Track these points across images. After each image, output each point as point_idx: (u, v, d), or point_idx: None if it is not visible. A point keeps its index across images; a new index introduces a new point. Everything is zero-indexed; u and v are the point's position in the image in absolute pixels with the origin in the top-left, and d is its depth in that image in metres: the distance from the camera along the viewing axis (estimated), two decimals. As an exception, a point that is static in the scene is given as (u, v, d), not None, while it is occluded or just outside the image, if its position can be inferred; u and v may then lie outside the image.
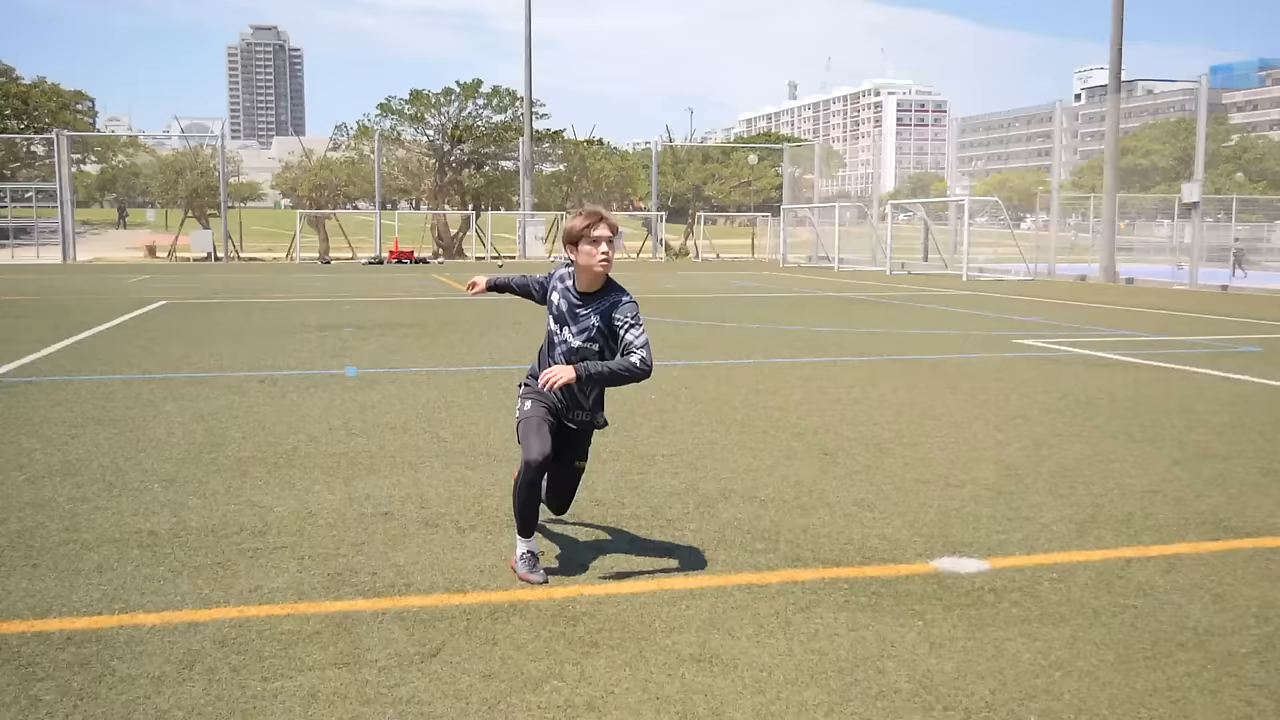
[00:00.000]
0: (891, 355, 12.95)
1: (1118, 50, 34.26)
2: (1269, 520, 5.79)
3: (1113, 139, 35.41)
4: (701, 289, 28.04)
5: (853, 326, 17.02)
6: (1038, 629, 4.21)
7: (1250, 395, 10.18)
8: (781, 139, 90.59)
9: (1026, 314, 20.11)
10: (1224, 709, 3.54)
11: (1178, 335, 16.27)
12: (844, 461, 7.06)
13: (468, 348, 13.61)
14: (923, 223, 46.19)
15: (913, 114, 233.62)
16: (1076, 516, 5.81)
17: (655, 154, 57.56)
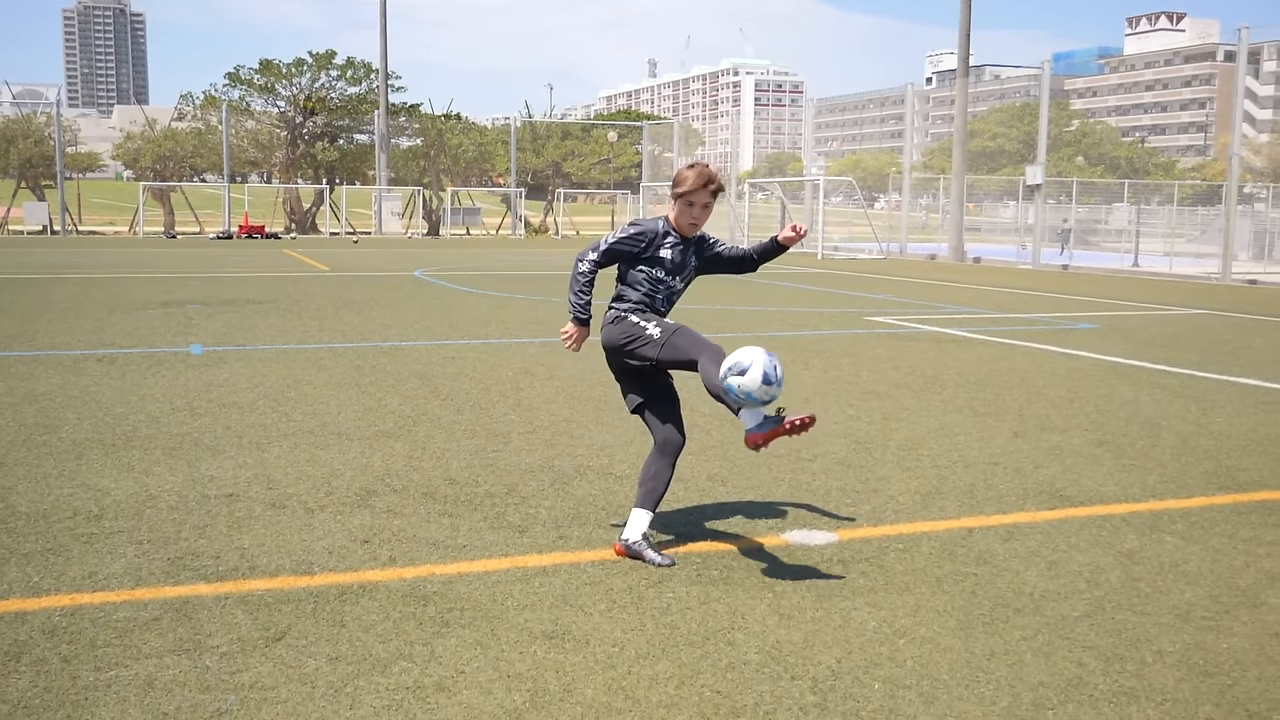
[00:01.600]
0: (747, 332, 13.12)
1: (966, 36, 35.26)
2: (1101, 489, 6.04)
3: (961, 122, 36.47)
4: (561, 266, 27.96)
5: (710, 303, 17.18)
6: (883, 598, 4.31)
7: (1086, 370, 10.61)
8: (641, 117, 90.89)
9: (878, 292, 20.60)
10: (1056, 670, 3.68)
11: (1020, 313, 16.87)
12: (699, 437, 7.12)
13: (320, 325, 13.30)
14: (780, 202, 46.88)
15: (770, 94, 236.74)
16: (922, 488, 5.98)
17: (514, 130, 57.08)
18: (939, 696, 3.47)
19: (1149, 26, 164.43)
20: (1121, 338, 13.56)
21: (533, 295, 18.14)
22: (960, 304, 18.16)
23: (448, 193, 55.50)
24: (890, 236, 40.17)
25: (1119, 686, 3.57)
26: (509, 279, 22.43)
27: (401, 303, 16.43)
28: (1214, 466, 6.66)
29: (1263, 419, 8.24)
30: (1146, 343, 13.05)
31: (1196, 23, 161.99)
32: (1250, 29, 28.56)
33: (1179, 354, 12.00)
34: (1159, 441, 7.33)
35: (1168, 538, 5.18)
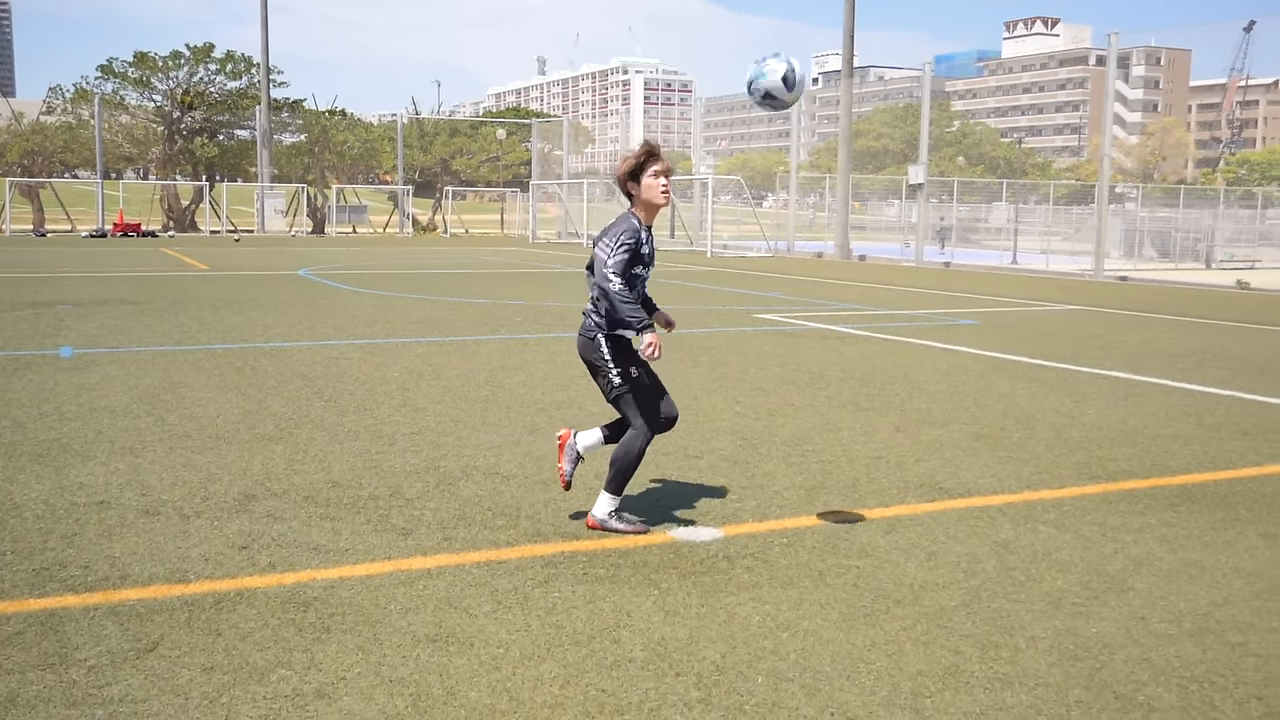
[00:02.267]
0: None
1: (850, 37, 35.86)
2: (978, 481, 6.19)
3: (846, 122, 37.08)
4: (449, 265, 27.70)
5: (599, 302, 17.20)
6: (767, 593, 4.35)
7: (966, 365, 10.87)
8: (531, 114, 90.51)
9: (766, 289, 20.84)
10: (934, 659, 3.76)
11: (904, 309, 17.22)
12: (586, 435, 7.11)
13: (199, 326, 12.96)
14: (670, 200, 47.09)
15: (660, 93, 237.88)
16: (806, 483, 6.06)
17: (401, 127, 56.40)
18: (821, 688, 3.51)
19: (1025, 31, 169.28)
20: (1000, 333, 13.93)
21: (420, 294, 17.93)
22: (846, 301, 18.47)
23: (333, 190, 54.57)
24: (778, 235, 40.67)
25: (994, 673, 3.66)
26: (396, 278, 22.14)
27: (284, 302, 16.10)
28: (1085, 457, 6.87)
29: (1131, 410, 8.53)
30: (1023, 338, 13.43)
31: (1070, 28, 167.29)
32: (1119, 34, 29.56)
33: (1054, 349, 12.37)
34: (1034, 434, 7.54)
35: (1041, 527, 5.33)
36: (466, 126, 69.72)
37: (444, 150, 63.65)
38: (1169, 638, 3.99)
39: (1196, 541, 5.16)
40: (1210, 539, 5.21)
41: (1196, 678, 3.66)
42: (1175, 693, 3.54)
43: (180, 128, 53.52)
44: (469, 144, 65.61)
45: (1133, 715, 3.39)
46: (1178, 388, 9.76)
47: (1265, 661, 3.80)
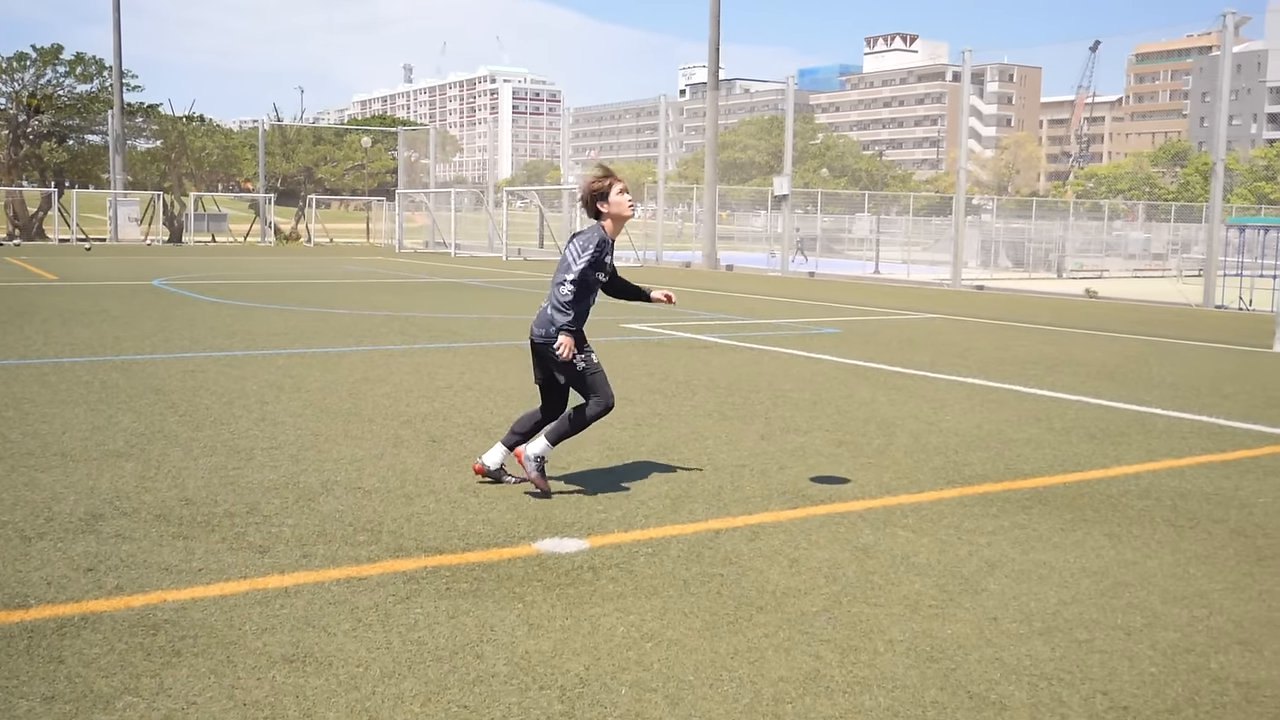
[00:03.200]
0: (504, 341, 13.07)
1: (715, 50, 36.32)
2: (839, 487, 6.30)
3: (712, 133, 37.53)
4: (312, 275, 27.15)
5: (467, 312, 17.05)
6: (632, 603, 4.35)
7: (829, 373, 11.08)
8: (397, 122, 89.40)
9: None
10: (795, 664, 3.80)
11: (769, 319, 17.48)
12: (452, 448, 7.03)
13: (45, 338, 12.43)
14: (538, 210, 47.03)
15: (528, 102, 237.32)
16: (672, 492, 6.08)
17: (262, 133, 55.11)
18: (684, 697, 3.52)
19: (885, 46, 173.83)
20: (862, 341, 14.23)
21: (282, 305, 17.52)
22: (713, 311, 18.66)
23: (191, 198, 53.02)
24: (647, 245, 40.93)
25: (853, 676, 3.72)
26: (256, 288, 21.60)
27: (137, 313, 15.56)
28: (943, 462, 7.06)
29: (986, 416, 8.80)
30: (884, 346, 13.75)
31: (928, 44, 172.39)
32: (974, 51, 30.56)
33: (913, 356, 12.69)
34: (894, 440, 7.72)
35: (900, 531, 5.45)
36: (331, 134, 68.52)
37: (307, 158, 62.42)
38: (1020, 637, 4.11)
39: (1046, 542, 5.34)
40: (1059, 540, 5.39)
41: (1045, 675, 3.78)
42: (1025, 690, 3.65)
43: (26, 132, 51.39)
44: (334, 152, 64.48)
45: (986, 714, 3.48)
46: (1030, 393, 10.10)
47: (1109, 657, 3.94)
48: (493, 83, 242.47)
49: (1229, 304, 23.93)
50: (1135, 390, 10.49)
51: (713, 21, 36.03)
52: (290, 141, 62.52)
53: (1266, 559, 5.18)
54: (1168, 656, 3.97)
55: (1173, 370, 12.22)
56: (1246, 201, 74.09)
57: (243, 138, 60.48)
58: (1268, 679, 3.80)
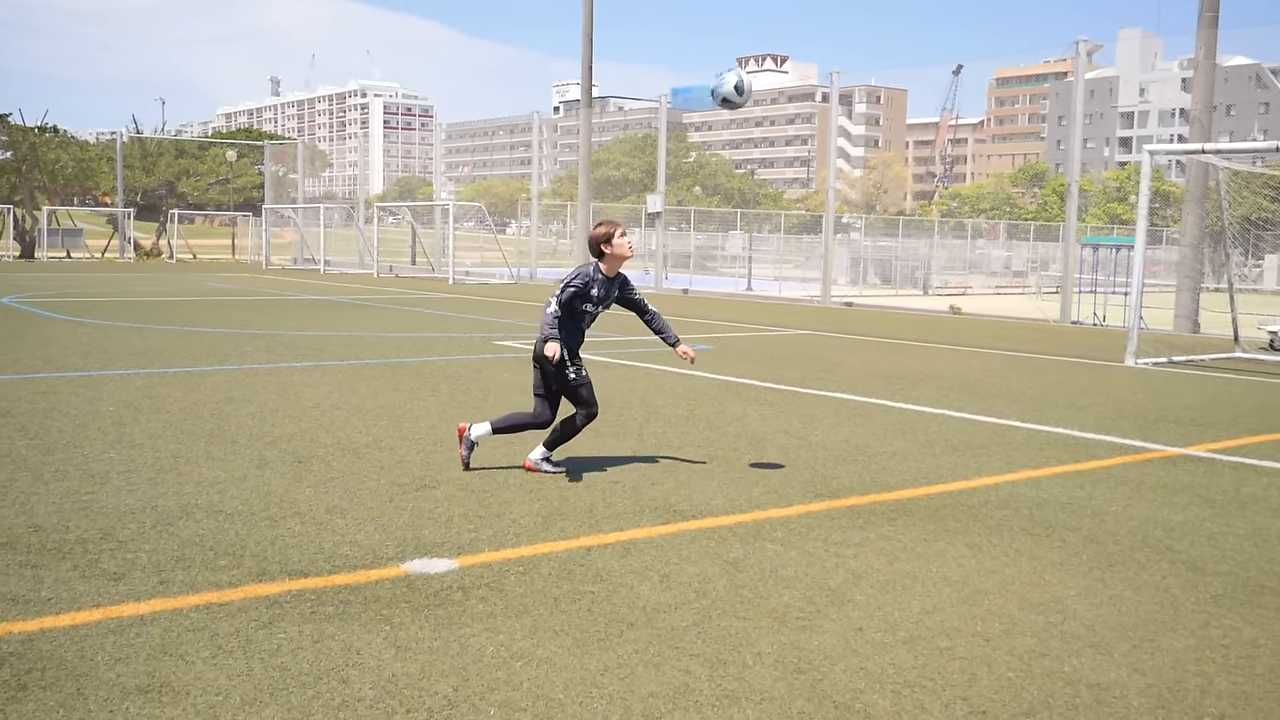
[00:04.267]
0: (374, 359, 12.87)
1: (588, 68, 36.44)
2: (710, 502, 6.36)
3: (586, 151, 37.62)
4: (174, 292, 26.36)
5: (336, 330, 16.75)
6: (502, 622, 4.31)
7: (701, 389, 11.17)
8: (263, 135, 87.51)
9: (508, 316, 20.83)
10: (665, 679, 3.81)
11: (643, 335, 17.55)
12: (318, 469, 6.89)
13: (-115, 358, 11.80)
14: (410, 226, 46.52)
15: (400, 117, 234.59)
16: (543, 510, 6.06)
17: (121, 146, 53.39)
18: (554, 716, 3.50)
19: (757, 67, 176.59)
20: (734, 357, 14.40)
21: (141, 323, 16.96)
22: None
23: (44, 212, 51.03)
24: (521, 261, 40.81)
25: (722, 690, 3.74)
26: (114, 305, 20.88)
27: (-13, 332, 14.88)
28: (811, 476, 7.17)
29: (854, 430, 8.98)
30: (756, 362, 13.93)
31: (798, 65, 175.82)
32: (841, 73, 31.26)
33: (784, 372, 12.89)
34: (764, 454, 7.81)
35: (769, 545, 5.51)
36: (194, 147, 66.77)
37: (169, 171, 60.69)
38: (884, 646, 4.19)
39: (910, 553, 5.46)
40: (922, 550, 5.52)
41: (909, 683, 3.86)
42: (889, 699, 3.72)
43: None
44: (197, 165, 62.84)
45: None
46: (896, 407, 10.34)
47: (969, 664, 4.05)
48: (363, 97, 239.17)
49: (1084, 319, 24.88)
50: (996, 404, 10.82)
51: (585, 39, 36.17)
52: (150, 154, 60.72)
53: (1117, 564, 5.38)
54: (1024, 661, 4.09)
55: (1031, 384, 12.64)
56: (1101, 221, 77.20)
57: (100, 150, 58.57)
58: (1116, 680, 3.94)
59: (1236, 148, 19.65)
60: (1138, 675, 3.99)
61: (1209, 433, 9.52)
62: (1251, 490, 7.21)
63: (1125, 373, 14.50)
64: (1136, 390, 12.45)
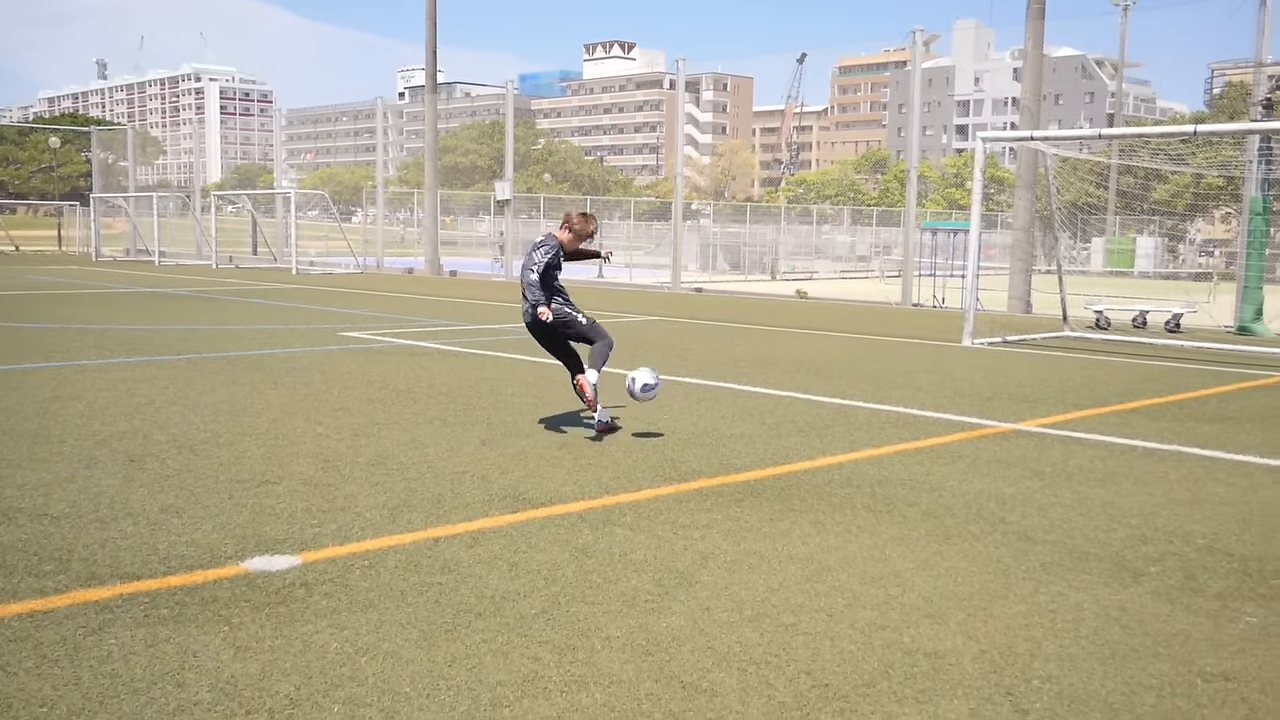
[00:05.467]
0: (212, 353, 12.47)
1: (433, 53, 35.94)
2: (560, 490, 6.35)
3: (432, 137, 37.11)
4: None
5: (172, 323, 16.16)
6: (346, 618, 4.23)
7: (552, 377, 11.14)
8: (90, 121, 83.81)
9: (354, 307, 20.43)
10: (513, 668, 3.79)
11: (493, 324, 17.44)
12: (152, 467, 6.64)
13: None
14: (250, 215, 45.20)
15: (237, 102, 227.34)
16: (390, 502, 5.96)
17: (-63, 132, 50.46)
18: (400, 710, 3.45)
19: (604, 54, 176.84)
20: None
21: (-39, 319, 16.07)
22: (436, 317, 18.45)
23: None
24: (367, 251, 40.06)
25: (571, 675, 3.74)
26: (-68, 301, 19.75)
27: None
28: (660, 460, 7.22)
29: (703, 414, 9.08)
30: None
31: (646, 52, 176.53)
32: (688, 61, 31.51)
33: (635, 358, 12.94)
34: (614, 441, 7.84)
35: (618, 530, 5.53)
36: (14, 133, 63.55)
37: (-11, 160, 57.60)
38: (731, 625, 4.25)
39: (757, 533, 5.55)
40: (769, 529, 5.62)
41: (754, 660, 3.92)
42: (736, 676, 3.78)
43: None
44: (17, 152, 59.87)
45: (698, 702, 3.57)
46: (744, 390, 10.49)
47: (813, 639, 4.13)
48: (198, 81, 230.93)
49: (924, 302, 25.68)
50: (840, 385, 11.07)
51: (429, 24, 35.65)
52: (-32, 141, 57.54)
53: (953, 537, 5.57)
54: (865, 634, 4.20)
55: (874, 365, 12.99)
56: (940, 206, 79.78)
57: (-88, 137, 55.21)
58: (952, 648, 4.08)
59: (1063, 135, 20.53)
60: (972, 642, 4.14)
61: (1039, 408, 9.93)
62: (1078, 462, 7.54)
63: (962, 352, 15.02)
64: (973, 369, 12.91)
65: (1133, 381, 12.16)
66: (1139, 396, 10.90)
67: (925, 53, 53.33)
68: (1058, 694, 3.71)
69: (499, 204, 36.09)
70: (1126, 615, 4.49)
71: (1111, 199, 51.30)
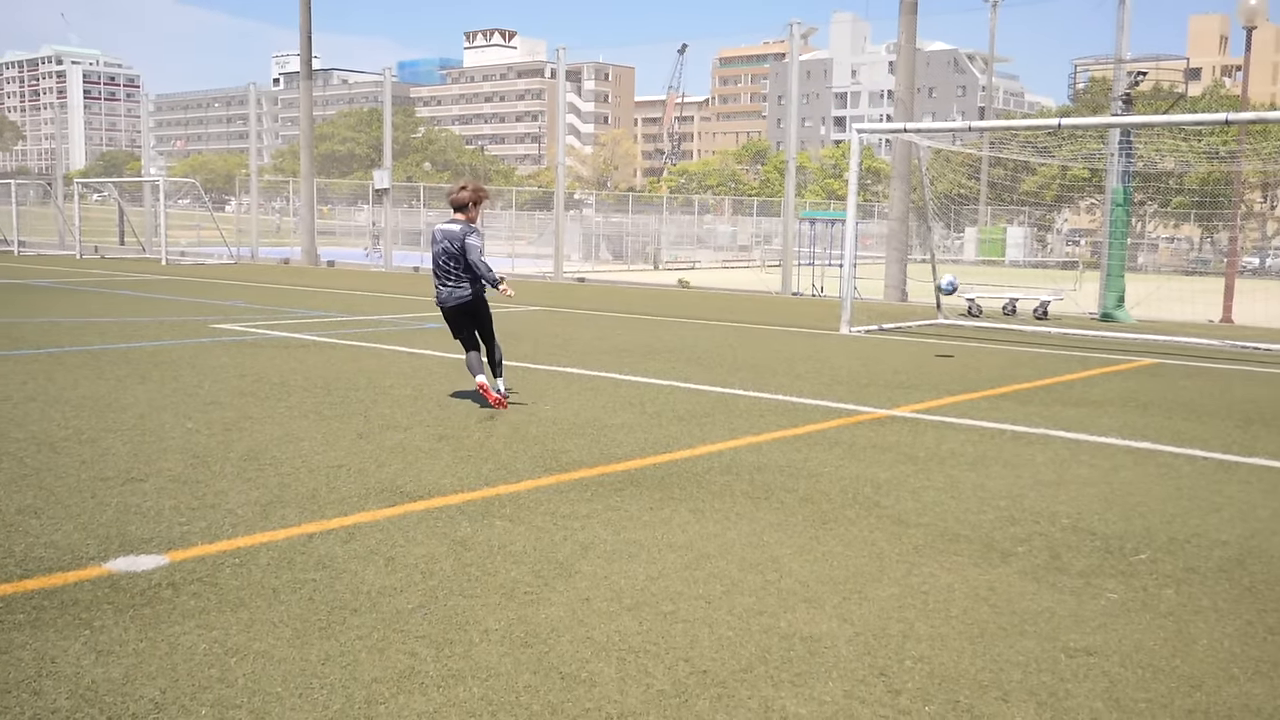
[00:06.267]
0: (75, 346, 12.02)
1: (308, 38, 35.18)
2: (439, 482, 6.27)
3: (307, 125, 36.35)
4: None
5: (31, 316, 15.54)
6: (216, 618, 4.11)
7: (431, 368, 11.01)
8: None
9: (227, 298, 19.91)
10: (389, 664, 3.73)
11: (371, 314, 17.16)
12: (9, 467, 6.36)
13: None
14: (117, 204, 43.71)
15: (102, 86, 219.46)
16: (262, 498, 5.81)
17: None
18: (271, 711, 3.37)
19: (485, 42, 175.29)
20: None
21: None
22: (313, 308, 18.08)
23: None
24: (241, 241, 39.09)
25: (448, 670, 3.70)
26: None
27: None
28: (541, 451, 7.19)
29: (584, 403, 9.07)
30: (487, 338, 13.84)
31: (526, 41, 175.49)
32: (568, 50, 31.40)
33: (516, 348, 12.86)
34: (494, 432, 7.78)
35: (498, 522, 5.49)
36: None
37: None
38: (610, 614, 4.25)
39: (637, 522, 5.56)
40: (649, 518, 5.63)
41: (633, 648, 3.92)
42: (615, 665, 3.77)
43: None
44: None
45: (576, 692, 3.56)
46: (626, 380, 10.51)
47: (692, 626, 4.15)
48: (59, 64, 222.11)
49: (804, 291, 26.05)
50: (721, 373, 11.17)
51: (304, 7, 34.87)
52: None
53: (830, 522, 5.66)
54: (743, 620, 4.24)
55: (754, 353, 13.13)
56: (820, 197, 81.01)
57: None
58: (828, 631, 4.14)
59: (935, 127, 21.01)
60: (847, 625, 4.21)
61: (914, 394, 10.15)
62: (950, 446, 7.73)
63: (840, 340, 15.28)
64: (850, 357, 13.14)
65: (1003, 367, 12.51)
66: (1008, 382, 11.22)
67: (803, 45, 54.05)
68: (929, 673, 3.79)
69: (377, 193, 35.53)
70: (995, 595, 4.62)
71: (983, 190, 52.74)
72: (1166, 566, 5.07)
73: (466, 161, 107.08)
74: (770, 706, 3.51)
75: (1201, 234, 65.90)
